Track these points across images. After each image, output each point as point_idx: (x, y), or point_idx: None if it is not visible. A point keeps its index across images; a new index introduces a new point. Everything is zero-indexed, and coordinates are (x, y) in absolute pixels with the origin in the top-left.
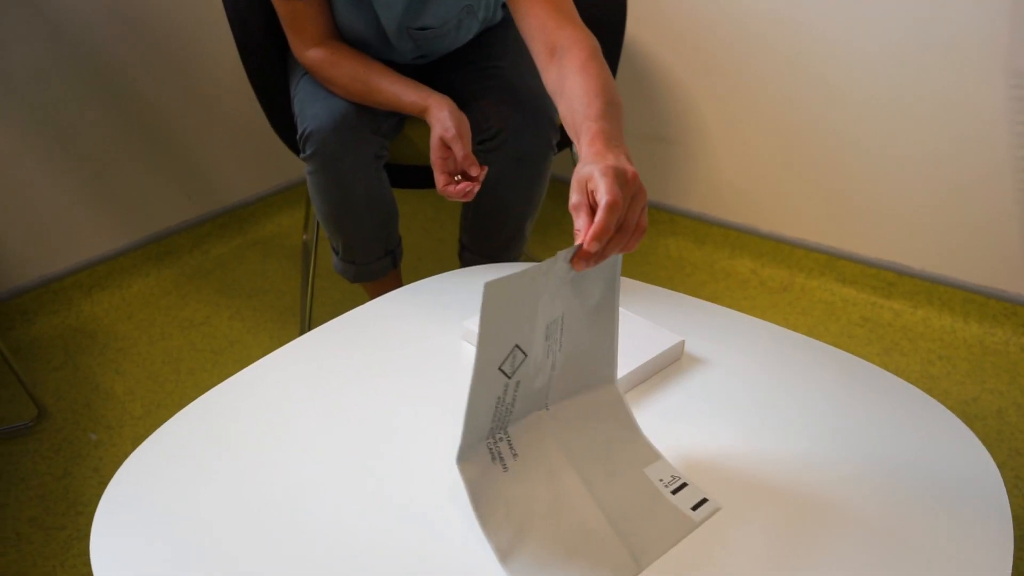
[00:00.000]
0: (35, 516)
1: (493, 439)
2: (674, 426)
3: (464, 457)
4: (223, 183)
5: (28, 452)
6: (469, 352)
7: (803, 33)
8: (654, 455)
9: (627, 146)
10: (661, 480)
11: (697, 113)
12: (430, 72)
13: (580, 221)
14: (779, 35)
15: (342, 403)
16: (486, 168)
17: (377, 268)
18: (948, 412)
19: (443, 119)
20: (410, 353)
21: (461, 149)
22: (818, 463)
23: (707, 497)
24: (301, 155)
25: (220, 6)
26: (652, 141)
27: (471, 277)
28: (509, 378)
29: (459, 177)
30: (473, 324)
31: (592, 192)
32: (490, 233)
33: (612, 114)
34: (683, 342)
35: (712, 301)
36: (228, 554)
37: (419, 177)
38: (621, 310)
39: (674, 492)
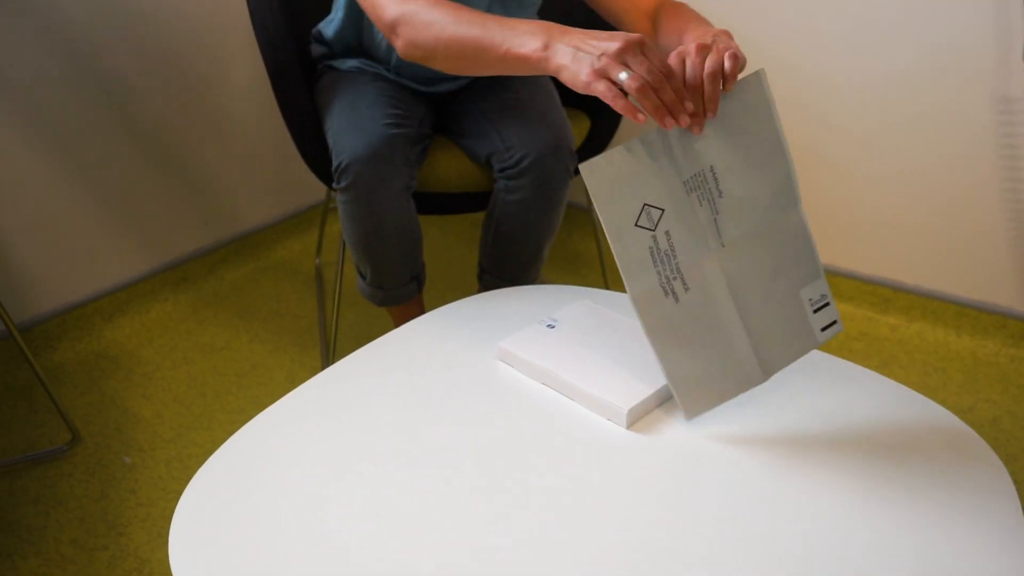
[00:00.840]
0: (76, 538)
1: (666, 280)
2: (706, 429)
3: (638, 296)
4: (237, 210)
5: (64, 476)
6: (506, 372)
7: (798, 59)
8: (815, 274)
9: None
10: (811, 300)
11: None
12: (453, 100)
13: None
14: (775, 61)
15: (391, 425)
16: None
17: (403, 293)
18: (955, 418)
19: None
20: (449, 377)
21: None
22: (828, 468)
23: (837, 319)
24: (335, 185)
25: (239, 37)
26: None
27: (497, 300)
28: (653, 231)
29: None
30: (508, 344)
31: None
32: (510, 256)
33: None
34: None
35: None
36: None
37: (439, 204)
38: (641, 331)
39: (816, 311)
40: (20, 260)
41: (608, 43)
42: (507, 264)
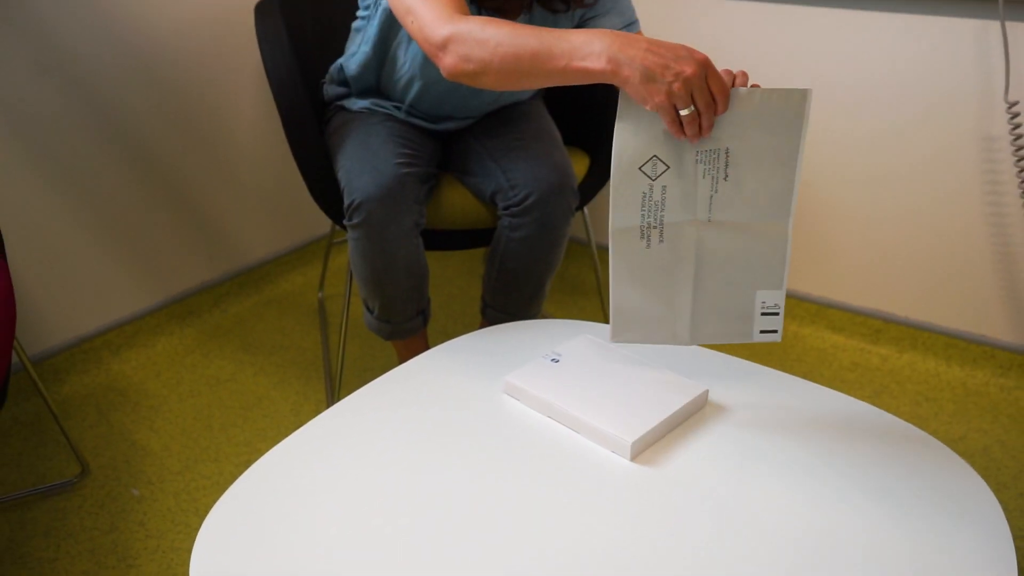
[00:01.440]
0: (87, 570)
1: (646, 225)
2: (707, 458)
3: (617, 230)
4: (241, 244)
5: (74, 508)
6: (513, 407)
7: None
8: (777, 284)
9: None
10: (763, 302)
11: None
12: (459, 139)
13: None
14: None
15: (401, 461)
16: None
17: (410, 327)
18: (947, 449)
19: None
20: (457, 412)
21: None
22: (828, 497)
23: (778, 330)
24: (346, 223)
25: (245, 76)
26: None
27: (502, 334)
28: (652, 180)
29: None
30: (514, 379)
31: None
32: (513, 291)
33: None
34: (707, 391)
35: (714, 350)
36: None
37: (445, 240)
38: (646, 365)
39: (763, 314)
40: (30, 294)
41: (680, 66)
42: (510, 299)
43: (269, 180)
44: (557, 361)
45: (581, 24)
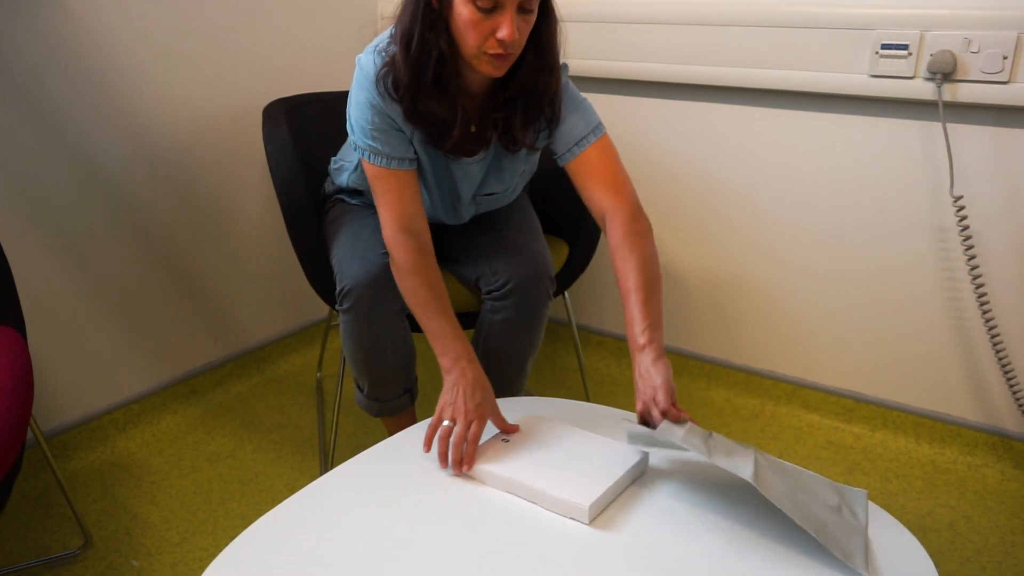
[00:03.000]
0: None
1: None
2: (664, 521)
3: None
4: (244, 327)
5: None
6: (477, 485)
7: (768, 188)
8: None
9: (661, 328)
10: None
11: (673, 259)
12: (450, 233)
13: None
14: (745, 192)
15: (371, 540)
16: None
17: (397, 405)
18: (899, 524)
19: (478, 393)
20: (431, 488)
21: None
22: (785, 560)
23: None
24: (338, 307)
25: (251, 168)
26: None
27: None
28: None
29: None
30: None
31: (654, 399)
32: (496, 370)
33: (653, 308)
34: (647, 455)
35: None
36: None
37: None
38: (592, 435)
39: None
40: (44, 373)
41: (459, 408)
42: (493, 377)
43: (272, 266)
44: (507, 440)
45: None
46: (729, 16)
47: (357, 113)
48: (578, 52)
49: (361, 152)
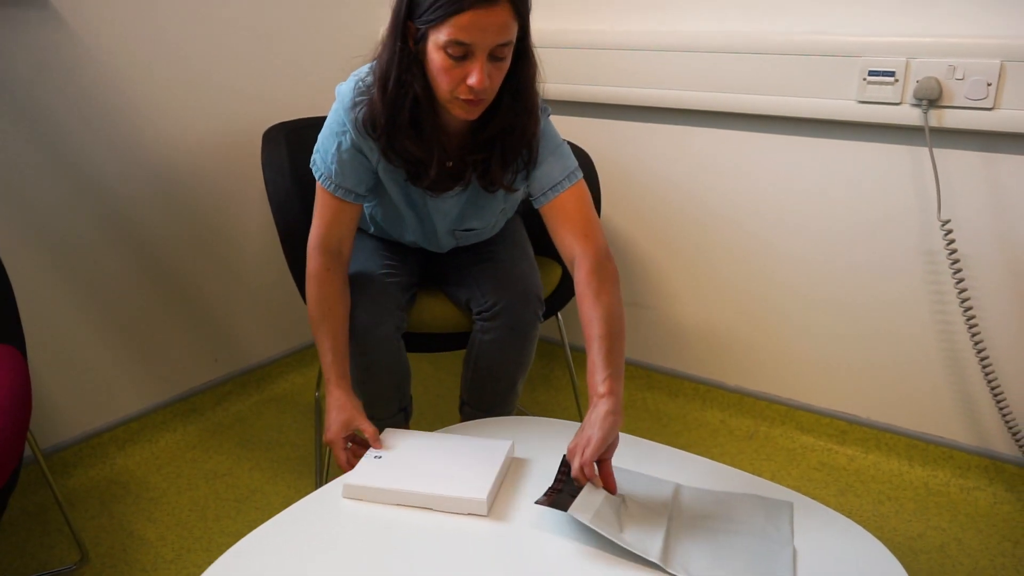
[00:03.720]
0: None
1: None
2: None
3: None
4: (244, 346)
5: None
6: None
7: (759, 213)
8: None
9: (622, 376)
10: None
11: (666, 282)
12: (446, 254)
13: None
14: (736, 216)
15: (356, 551)
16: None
17: (392, 423)
18: (882, 546)
19: (333, 421)
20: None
21: (369, 427)
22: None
23: None
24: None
25: (250, 191)
26: (629, 306)
27: (472, 430)
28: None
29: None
30: (354, 479)
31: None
32: (487, 389)
33: (616, 358)
34: (512, 445)
35: (686, 449)
36: None
37: (426, 343)
38: (450, 436)
39: None
40: (46, 391)
41: (329, 432)
42: (484, 397)
43: (271, 287)
44: (380, 457)
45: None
46: (720, 44)
47: (326, 138)
48: (576, 78)
49: (317, 172)
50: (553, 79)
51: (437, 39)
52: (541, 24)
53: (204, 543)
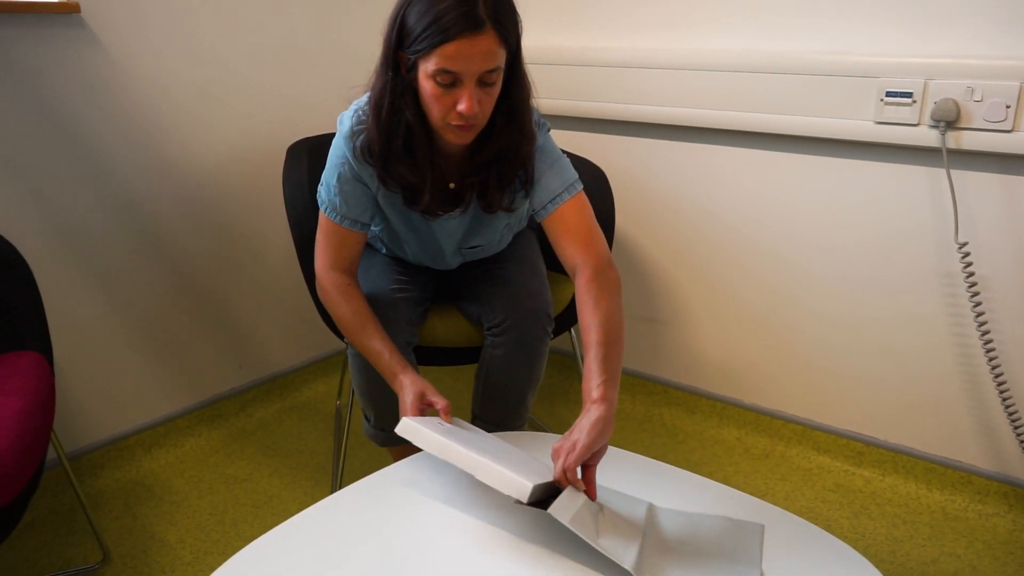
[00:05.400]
0: None
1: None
2: None
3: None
4: (268, 354)
5: None
6: (458, 513)
7: (777, 231)
8: None
9: (617, 382)
10: None
11: (684, 299)
12: (454, 272)
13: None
14: (754, 234)
15: (365, 560)
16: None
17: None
18: (866, 562)
19: (407, 397)
20: (424, 512)
21: (441, 400)
22: None
23: None
24: (346, 340)
25: (275, 203)
26: (647, 322)
27: None
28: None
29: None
30: (412, 420)
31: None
32: (497, 403)
33: (611, 364)
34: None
35: (701, 466)
36: None
37: (439, 356)
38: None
39: None
40: (76, 396)
41: (403, 404)
42: (495, 410)
43: (294, 297)
44: (444, 425)
45: (525, 197)
46: (738, 63)
47: (329, 170)
48: (602, 95)
49: (320, 203)
50: (574, 96)
51: (426, 68)
52: (563, 42)
53: (221, 547)
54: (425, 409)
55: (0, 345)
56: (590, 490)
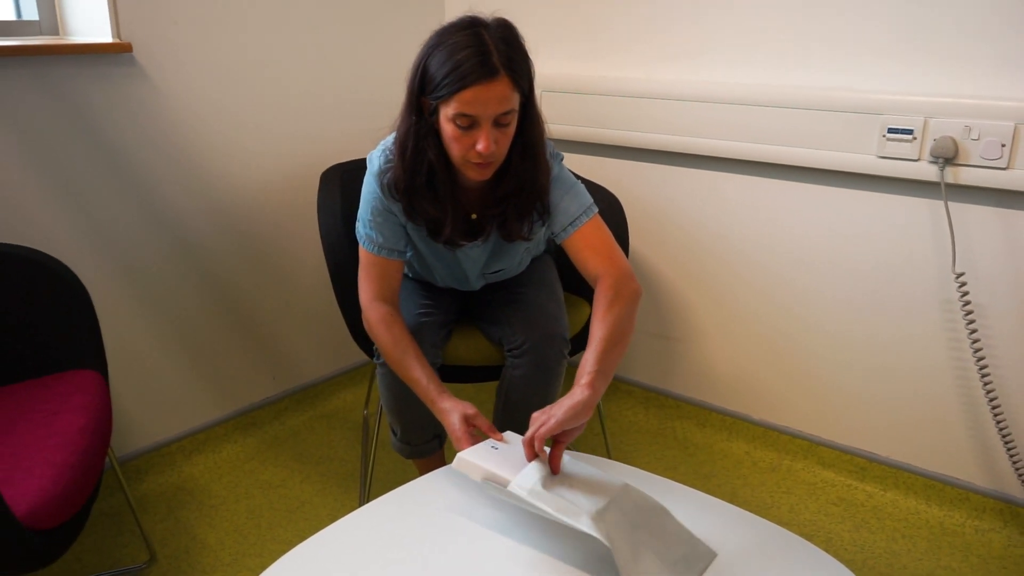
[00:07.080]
0: None
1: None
2: None
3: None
4: (299, 366)
5: None
6: (492, 522)
7: (784, 255)
8: None
9: (608, 378)
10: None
11: (696, 318)
12: (478, 294)
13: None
14: (763, 258)
15: (397, 567)
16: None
17: (427, 448)
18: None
19: (454, 421)
20: (453, 520)
21: (485, 423)
22: None
23: None
24: (375, 359)
25: (308, 223)
26: (659, 339)
27: None
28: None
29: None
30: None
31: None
32: (516, 421)
33: (609, 361)
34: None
35: (710, 478)
36: None
37: (462, 375)
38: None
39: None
40: (123, 406)
41: (454, 432)
42: (514, 427)
43: (326, 310)
44: (496, 448)
45: (543, 225)
46: (750, 96)
47: (363, 205)
48: (617, 123)
49: (359, 238)
50: (590, 123)
51: (447, 112)
52: (581, 71)
53: (258, 549)
54: (471, 430)
55: (61, 364)
56: (554, 464)
